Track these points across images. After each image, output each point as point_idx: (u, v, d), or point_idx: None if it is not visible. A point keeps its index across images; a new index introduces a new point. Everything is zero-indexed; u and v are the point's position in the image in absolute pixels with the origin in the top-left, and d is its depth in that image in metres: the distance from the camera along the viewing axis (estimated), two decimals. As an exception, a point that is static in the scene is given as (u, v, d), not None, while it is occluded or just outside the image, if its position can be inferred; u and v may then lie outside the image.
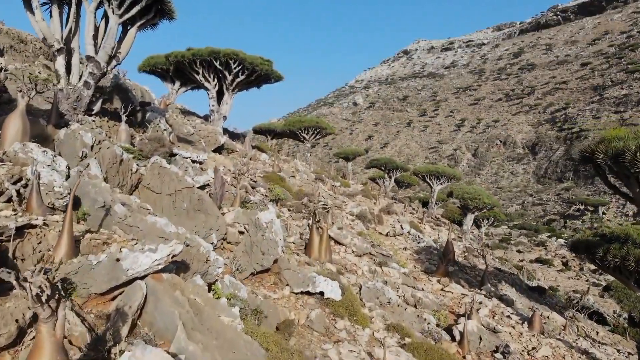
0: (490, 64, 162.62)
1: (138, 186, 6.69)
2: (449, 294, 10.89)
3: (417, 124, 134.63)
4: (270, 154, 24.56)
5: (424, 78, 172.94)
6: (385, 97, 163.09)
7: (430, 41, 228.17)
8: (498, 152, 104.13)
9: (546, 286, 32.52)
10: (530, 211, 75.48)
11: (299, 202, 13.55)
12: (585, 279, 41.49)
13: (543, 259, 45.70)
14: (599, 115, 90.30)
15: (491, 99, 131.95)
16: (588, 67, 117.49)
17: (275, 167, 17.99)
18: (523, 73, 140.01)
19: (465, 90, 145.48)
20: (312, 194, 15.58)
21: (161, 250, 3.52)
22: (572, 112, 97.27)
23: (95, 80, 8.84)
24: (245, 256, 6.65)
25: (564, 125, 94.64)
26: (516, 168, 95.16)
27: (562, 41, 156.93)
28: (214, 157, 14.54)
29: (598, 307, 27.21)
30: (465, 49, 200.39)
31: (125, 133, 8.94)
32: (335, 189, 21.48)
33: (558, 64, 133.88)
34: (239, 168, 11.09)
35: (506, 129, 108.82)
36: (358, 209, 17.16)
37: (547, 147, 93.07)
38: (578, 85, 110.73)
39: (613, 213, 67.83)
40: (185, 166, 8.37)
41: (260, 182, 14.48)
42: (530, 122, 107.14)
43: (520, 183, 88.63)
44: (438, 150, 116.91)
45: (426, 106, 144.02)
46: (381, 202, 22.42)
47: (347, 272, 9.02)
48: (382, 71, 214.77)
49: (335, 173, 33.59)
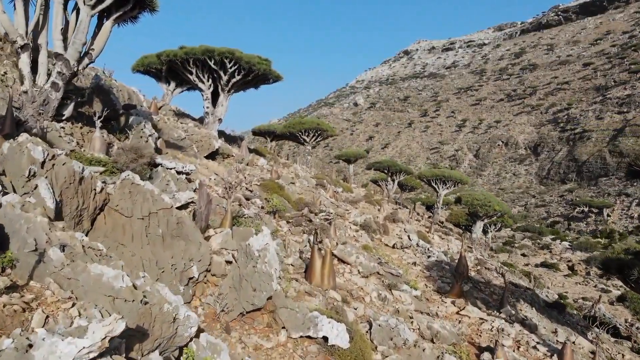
0: (492, 64, 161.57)
1: (104, 209, 5.55)
2: (465, 318, 9.75)
3: (418, 125, 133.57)
4: (269, 157, 23.42)
5: (425, 78, 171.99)
6: (386, 97, 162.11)
7: (431, 41, 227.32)
8: (500, 152, 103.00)
9: (556, 294, 31.40)
10: (533, 213, 74.35)
11: (299, 214, 12.41)
12: (593, 284, 40.40)
13: (549, 263, 44.66)
14: (602, 116, 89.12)
15: (493, 100, 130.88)
16: (590, 67, 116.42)
17: (274, 173, 16.84)
18: (525, 73, 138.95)
19: (466, 90, 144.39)
20: (313, 203, 14.43)
21: (92, 332, 2.37)
22: (574, 113, 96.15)
23: (64, 81, 7.70)
24: (232, 292, 5.50)
25: (566, 126, 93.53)
26: (518, 169, 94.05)
27: (563, 41, 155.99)
28: (206, 164, 13.41)
29: (610, 316, 26.12)
30: (466, 49, 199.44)
31: (99, 141, 7.80)
32: (337, 195, 20.34)
33: (560, 64, 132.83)
34: (231, 180, 9.96)
35: (508, 129, 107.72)
36: (362, 218, 16.02)
37: (550, 148, 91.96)
38: (580, 86, 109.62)
39: (618, 215, 66.76)
40: (166, 180, 7.23)
41: (257, 191, 13.34)
42: (532, 122, 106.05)
43: (522, 184, 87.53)
44: (439, 150, 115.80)
45: (427, 106, 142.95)
46: (385, 209, 21.28)
47: (353, 300, 7.87)
48: (382, 71, 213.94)
49: (336, 176, 32.45)
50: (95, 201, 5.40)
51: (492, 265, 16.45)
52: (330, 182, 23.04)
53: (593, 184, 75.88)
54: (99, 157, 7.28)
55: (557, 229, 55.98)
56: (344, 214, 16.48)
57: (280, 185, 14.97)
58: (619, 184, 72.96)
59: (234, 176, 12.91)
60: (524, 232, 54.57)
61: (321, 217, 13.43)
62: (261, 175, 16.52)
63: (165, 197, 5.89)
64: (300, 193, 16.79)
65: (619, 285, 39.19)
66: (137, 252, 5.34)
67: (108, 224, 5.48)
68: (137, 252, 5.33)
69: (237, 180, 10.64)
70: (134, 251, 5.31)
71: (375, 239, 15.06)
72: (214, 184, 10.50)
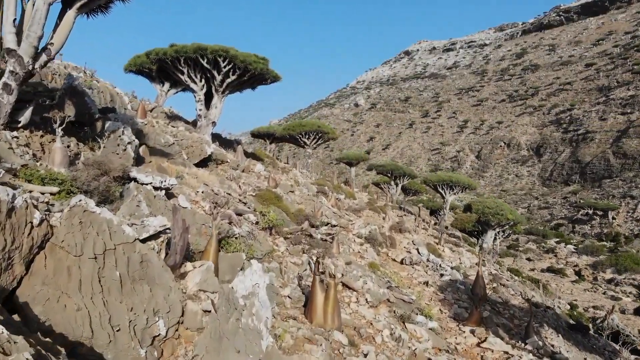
0: (493, 65, 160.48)
1: (45, 246, 4.29)
2: (488, 353, 8.49)
3: (420, 125, 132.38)
4: (267, 162, 22.15)
5: (426, 79, 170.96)
6: (387, 98, 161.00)
7: (432, 42, 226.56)
8: (502, 154, 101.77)
9: (567, 303, 30.12)
10: (536, 215, 73.12)
11: (298, 229, 11.15)
12: (602, 291, 39.23)
13: (555, 268, 43.46)
14: (605, 117, 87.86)
15: (494, 100, 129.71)
16: (593, 67, 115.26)
17: (271, 181, 15.58)
18: (526, 74, 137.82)
19: (467, 91, 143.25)
20: (314, 215, 13.18)
21: None
22: (577, 114, 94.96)
23: (18, 82, 6.45)
24: (211, 355, 4.25)
25: (569, 127, 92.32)
26: (521, 170, 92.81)
27: (565, 42, 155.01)
28: (196, 172, 12.15)
29: (623, 327, 24.91)
30: (467, 49, 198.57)
31: (60, 153, 6.54)
32: (339, 202, 19.10)
33: (562, 65, 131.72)
34: (220, 195, 8.75)
35: (510, 130, 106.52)
36: (367, 229, 14.77)
37: (553, 149, 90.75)
38: (583, 86, 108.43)
39: (623, 218, 65.54)
40: (137, 200, 5.97)
41: (252, 202, 12.09)
42: (534, 123, 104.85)
43: (525, 186, 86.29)
44: (441, 152, 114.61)
45: (428, 107, 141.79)
46: (390, 216, 20.03)
47: (362, 341, 6.62)
48: (383, 72, 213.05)
49: (337, 180, 31.14)
50: (31, 238, 4.14)
51: (508, 281, 15.20)
52: (331, 188, 21.79)
53: (597, 186, 74.64)
54: (57, 172, 6.02)
55: (562, 232, 54.73)
56: (347, 225, 15.23)
57: (277, 195, 13.71)
58: (624, 185, 71.72)
59: (226, 187, 11.65)
60: (527, 235, 53.26)
61: (323, 231, 12.18)
62: (257, 183, 15.27)
63: (127, 229, 4.63)
64: (300, 203, 15.54)
65: (628, 292, 38.00)
66: (85, 304, 4.08)
67: (49, 266, 4.22)
68: (84, 304, 4.07)
69: (225, 197, 9.35)
70: (80, 303, 4.06)
71: (381, 253, 13.82)
72: (201, 199, 9.25)
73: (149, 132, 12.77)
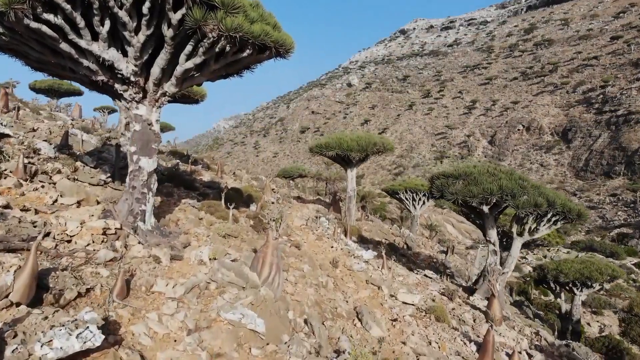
0: (499, 41, 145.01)
1: None
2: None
3: (420, 107, 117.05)
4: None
5: (426, 57, 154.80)
6: (383, 77, 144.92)
7: (429, 20, 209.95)
8: (521, 138, 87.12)
9: None
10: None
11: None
12: None
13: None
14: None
15: (505, 78, 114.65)
16: (621, 40, 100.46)
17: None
18: (540, 49, 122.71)
19: (473, 68, 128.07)
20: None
21: None
22: (612, 92, 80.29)
23: None
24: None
25: (603, 107, 77.72)
26: (546, 159, 78.32)
27: (579, 15, 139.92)
28: None
29: None
30: (467, 27, 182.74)
31: None
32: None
33: (580, 39, 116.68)
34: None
35: (529, 111, 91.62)
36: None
37: (585, 134, 76.16)
38: (612, 61, 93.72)
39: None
40: None
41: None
42: (557, 103, 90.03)
43: (554, 178, 71.74)
44: (447, 136, 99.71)
45: (430, 86, 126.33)
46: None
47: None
48: (378, 51, 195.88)
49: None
50: None
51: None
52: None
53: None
54: None
55: (632, 247, 39.21)
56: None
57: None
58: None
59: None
60: (588, 253, 35.98)
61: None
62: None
63: None
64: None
65: None
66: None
67: None
68: None
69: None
70: None
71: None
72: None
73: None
